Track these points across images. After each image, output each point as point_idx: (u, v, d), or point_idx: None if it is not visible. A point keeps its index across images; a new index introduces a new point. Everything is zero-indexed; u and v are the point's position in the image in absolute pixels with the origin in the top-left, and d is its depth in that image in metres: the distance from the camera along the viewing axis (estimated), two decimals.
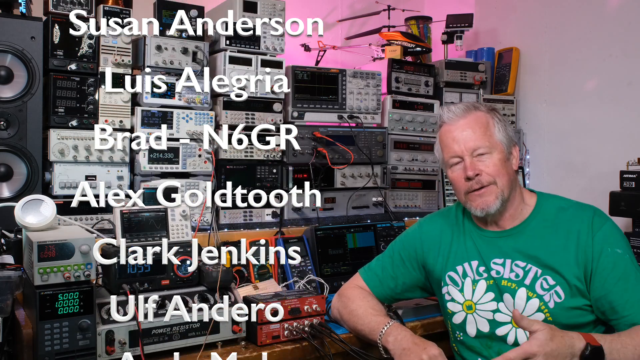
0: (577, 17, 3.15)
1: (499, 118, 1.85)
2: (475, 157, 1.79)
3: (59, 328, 1.58)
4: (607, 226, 1.75)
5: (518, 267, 1.79)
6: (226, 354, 1.75)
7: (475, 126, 1.80)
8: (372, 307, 1.91)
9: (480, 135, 1.79)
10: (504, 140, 1.81)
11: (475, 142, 1.79)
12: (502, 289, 1.80)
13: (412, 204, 3.10)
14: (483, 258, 1.85)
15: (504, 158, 1.80)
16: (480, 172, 1.78)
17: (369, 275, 2.03)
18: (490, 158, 1.79)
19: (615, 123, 2.96)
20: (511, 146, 1.84)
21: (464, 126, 1.81)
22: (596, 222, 1.75)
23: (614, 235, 1.75)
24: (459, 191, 1.84)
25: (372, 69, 3.12)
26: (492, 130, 1.81)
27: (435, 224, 2.00)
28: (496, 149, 1.79)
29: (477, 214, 1.83)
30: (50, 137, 2.25)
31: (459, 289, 1.88)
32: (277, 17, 2.69)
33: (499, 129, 1.82)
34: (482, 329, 1.82)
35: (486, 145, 1.79)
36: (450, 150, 1.83)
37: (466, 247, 1.90)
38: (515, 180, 1.84)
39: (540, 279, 1.75)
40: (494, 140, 1.80)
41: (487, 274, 1.84)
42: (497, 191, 1.78)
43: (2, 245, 1.86)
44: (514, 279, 1.79)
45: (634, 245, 2.57)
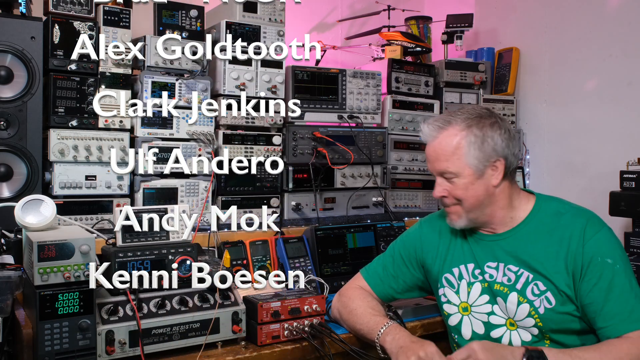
0: (577, 17, 3.15)
1: (476, 134, 1.75)
2: (444, 177, 1.81)
3: (59, 328, 1.58)
4: (600, 234, 1.72)
5: (510, 271, 1.79)
6: (226, 354, 1.76)
7: (444, 148, 1.77)
8: (372, 307, 1.91)
9: (445, 159, 1.77)
10: (474, 162, 1.75)
11: (441, 165, 1.79)
12: (495, 293, 1.80)
13: (412, 204, 3.10)
14: (478, 261, 1.86)
15: (473, 180, 1.76)
16: (447, 194, 1.81)
17: (370, 275, 2.04)
18: (457, 180, 1.78)
19: (615, 123, 2.96)
20: (487, 164, 1.76)
21: (434, 147, 1.81)
22: (588, 230, 1.72)
23: (606, 244, 1.72)
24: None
25: (372, 69, 3.12)
26: (460, 152, 1.75)
27: (435, 225, 2.01)
28: (463, 173, 1.76)
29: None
30: (50, 137, 2.25)
31: (454, 290, 1.89)
32: (277, 17, 2.69)
33: (471, 149, 1.75)
34: (477, 330, 1.83)
35: (451, 170, 1.77)
36: (428, 164, 1.88)
37: (463, 250, 1.90)
38: (490, 196, 1.79)
39: (532, 284, 1.75)
40: (461, 163, 1.75)
41: (481, 277, 1.84)
42: (460, 211, 1.81)
43: (2, 245, 1.86)
44: (506, 283, 1.79)
45: (634, 245, 2.57)
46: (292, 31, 2.87)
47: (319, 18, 3.59)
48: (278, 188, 2.69)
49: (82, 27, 2.30)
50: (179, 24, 2.49)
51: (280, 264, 2.42)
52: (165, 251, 1.82)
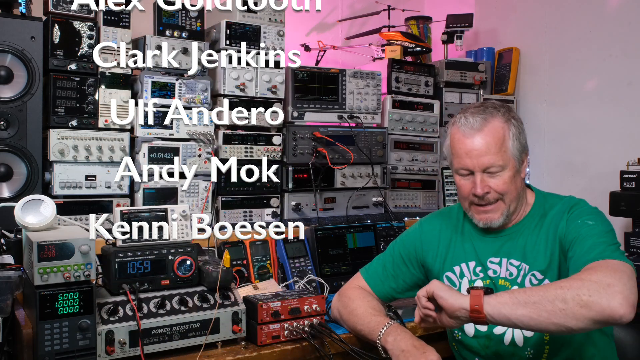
0: (577, 17, 3.15)
1: (515, 125, 1.75)
2: (486, 173, 1.74)
3: (59, 328, 1.58)
4: (580, 205, 1.74)
5: (513, 265, 1.80)
6: (226, 354, 1.76)
7: (491, 141, 1.71)
8: (373, 307, 1.91)
9: (495, 152, 1.71)
10: (516, 154, 1.74)
11: (489, 159, 1.71)
12: (498, 288, 1.80)
13: (412, 204, 3.10)
14: (480, 258, 1.86)
15: (515, 172, 1.75)
16: (490, 190, 1.74)
17: (370, 275, 2.04)
18: (502, 176, 1.73)
19: (615, 123, 2.96)
20: (523, 156, 1.78)
21: (480, 141, 1.72)
22: (569, 204, 1.75)
23: (587, 212, 1.71)
24: (464, 199, 1.82)
25: (372, 69, 3.12)
26: (507, 144, 1.73)
27: (435, 223, 2.01)
28: (508, 165, 1.73)
29: (478, 225, 1.83)
30: (50, 137, 2.25)
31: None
32: (277, 17, 2.69)
33: (514, 141, 1.74)
34: (480, 328, 1.83)
35: (499, 163, 1.72)
36: (461, 161, 1.76)
37: (464, 248, 1.90)
38: (522, 189, 1.81)
39: (529, 275, 1.76)
40: (507, 156, 1.72)
41: (483, 274, 1.84)
42: (503, 208, 1.77)
43: (2, 245, 1.86)
44: (508, 278, 1.80)
45: (634, 245, 2.57)
46: (292, 31, 2.88)
47: (319, 18, 3.59)
48: (278, 188, 2.69)
49: (82, 27, 2.30)
50: (179, 24, 2.49)
51: (280, 264, 2.42)
52: (165, 251, 1.82)
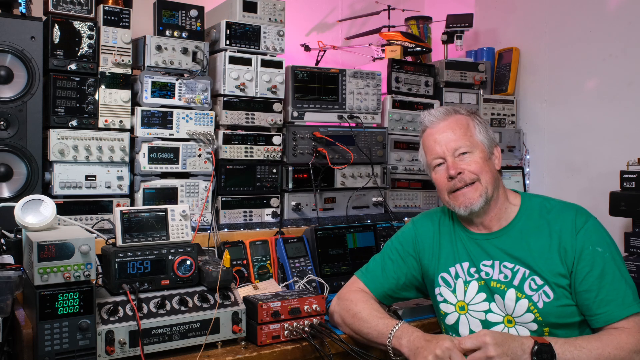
0: (577, 17, 3.15)
1: (479, 120, 1.90)
2: (457, 157, 1.84)
3: (59, 328, 1.58)
4: (589, 224, 1.78)
5: (506, 268, 1.81)
6: (226, 354, 1.76)
7: (456, 127, 1.86)
8: (376, 309, 1.90)
9: (461, 135, 1.85)
10: (484, 140, 1.87)
11: (457, 142, 1.84)
12: (492, 290, 1.81)
13: (412, 204, 3.10)
14: (473, 260, 1.87)
15: (486, 157, 1.85)
16: (463, 170, 1.82)
17: (368, 277, 2.03)
18: (472, 156, 1.83)
19: (615, 123, 2.96)
20: (492, 147, 1.90)
21: (445, 128, 1.87)
22: (579, 221, 1.78)
23: (595, 233, 1.77)
24: (442, 191, 1.88)
25: (372, 69, 3.12)
26: (472, 131, 1.87)
27: (427, 223, 2.03)
28: (477, 148, 1.85)
29: (460, 213, 1.86)
30: (50, 137, 2.25)
31: (451, 289, 1.89)
32: (277, 17, 2.69)
33: (480, 130, 1.88)
34: (475, 329, 1.83)
35: (467, 144, 1.84)
36: (432, 152, 1.89)
37: (457, 249, 1.92)
38: (498, 179, 1.89)
39: (529, 279, 1.77)
40: (474, 140, 1.86)
41: (477, 275, 1.85)
42: (481, 188, 1.82)
43: (2, 245, 1.86)
44: (502, 280, 1.80)
45: (634, 245, 2.57)
46: (292, 31, 2.88)
47: (319, 18, 3.59)
48: (278, 188, 2.69)
49: (82, 27, 2.30)
50: (179, 23, 2.49)
51: (280, 264, 2.42)
52: (165, 251, 1.82)
